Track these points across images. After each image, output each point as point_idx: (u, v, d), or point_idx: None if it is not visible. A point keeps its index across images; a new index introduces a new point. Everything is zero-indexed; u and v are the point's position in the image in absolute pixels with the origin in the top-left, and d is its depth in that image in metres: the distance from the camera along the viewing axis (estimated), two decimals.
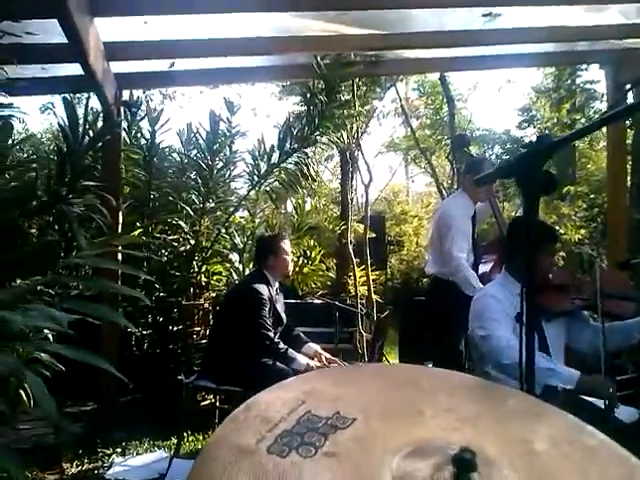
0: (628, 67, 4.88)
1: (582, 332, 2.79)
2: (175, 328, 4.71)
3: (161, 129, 4.90)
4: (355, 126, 6.52)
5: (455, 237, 3.91)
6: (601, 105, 11.49)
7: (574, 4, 3.97)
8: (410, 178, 23.96)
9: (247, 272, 4.77)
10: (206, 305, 4.86)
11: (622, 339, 2.73)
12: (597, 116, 11.11)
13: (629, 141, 8.07)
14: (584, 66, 11.12)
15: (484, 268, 4.36)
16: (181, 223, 4.81)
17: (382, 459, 0.63)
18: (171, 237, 4.87)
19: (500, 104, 35.99)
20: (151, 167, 4.84)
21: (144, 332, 4.67)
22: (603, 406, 2.89)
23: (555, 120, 12.67)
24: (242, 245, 4.95)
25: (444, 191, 10.86)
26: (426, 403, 0.74)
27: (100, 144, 2.62)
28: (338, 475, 0.61)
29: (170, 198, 4.89)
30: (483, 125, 17.50)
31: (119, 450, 3.82)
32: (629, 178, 7.36)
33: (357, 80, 6.28)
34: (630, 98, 7.89)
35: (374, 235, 7.56)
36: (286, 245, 3.81)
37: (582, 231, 7.80)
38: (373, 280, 7.61)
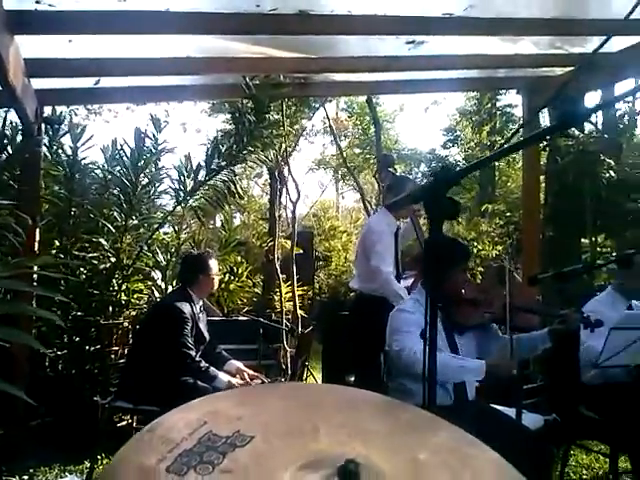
0: (541, 93, 5.20)
1: (491, 344, 2.95)
2: (92, 348, 4.57)
3: (84, 145, 4.81)
4: (284, 145, 6.61)
5: (382, 253, 4.04)
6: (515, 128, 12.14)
7: (489, 35, 4.21)
8: (340, 194, 24.37)
9: (170, 290, 4.71)
10: (125, 324, 4.77)
11: (528, 350, 2.92)
12: (514, 139, 11.72)
13: (544, 161, 8.57)
14: (503, 91, 11.73)
15: (405, 283, 4.51)
16: (102, 240, 4.70)
17: (275, 473, 0.67)
18: (91, 255, 4.75)
19: (426, 124, 37.22)
20: (72, 184, 4.72)
21: (59, 352, 4.51)
22: (514, 415, 3.08)
23: (477, 141, 13.28)
24: (165, 262, 4.89)
25: (370, 208, 11.13)
26: (323, 420, 0.79)
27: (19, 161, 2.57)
28: None
29: (91, 215, 4.78)
30: (410, 145, 18.11)
31: (26, 478, 3.64)
32: (543, 197, 7.81)
33: (286, 100, 6.37)
34: (546, 120, 8.39)
35: (302, 251, 7.64)
36: (214, 264, 3.81)
37: (499, 247, 8.19)
38: (300, 295, 7.67)
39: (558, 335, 2.88)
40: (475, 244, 7.96)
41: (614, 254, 7.02)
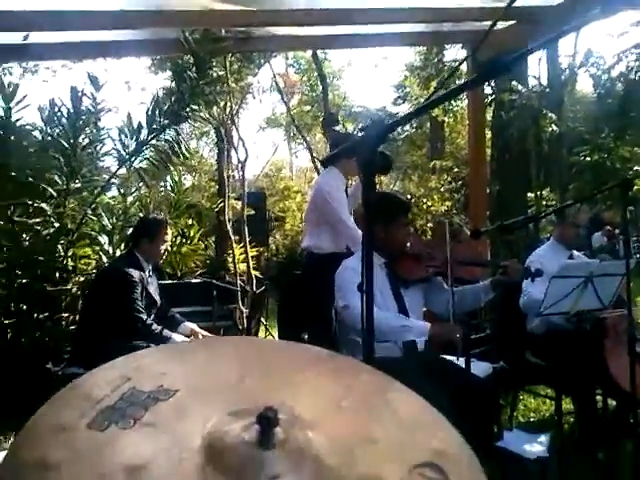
0: (485, 48, 5.22)
1: (437, 297, 3.03)
2: (41, 315, 4.48)
3: (18, 105, 4.59)
4: (229, 102, 6.47)
5: (340, 210, 3.98)
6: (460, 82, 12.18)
7: None
8: (294, 154, 24.14)
9: (118, 254, 4.64)
10: (74, 290, 4.67)
11: (472, 302, 3.01)
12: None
13: (490, 117, 8.68)
14: (450, 45, 11.68)
15: None
16: (43, 205, 4.55)
17: (197, 424, 0.68)
18: (32, 220, 4.60)
19: (376, 81, 37.00)
20: (7, 146, 4.52)
21: (7, 321, 4.40)
22: (462, 364, 3.20)
23: (426, 97, 13.30)
24: (111, 227, 4.79)
25: (320, 166, 11.10)
26: (249, 371, 0.80)
27: None
28: (153, 442, 0.65)
29: (30, 179, 4.60)
30: (360, 102, 18.01)
31: None
32: (489, 152, 7.93)
33: (229, 56, 6.21)
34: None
35: (253, 212, 7.58)
36: (165, 233, 3.76)
37: (448, 202, 8.32)
38: (256, 256, 7.65)
39: (500, 285, 2.97)
40: (424, 200, 8.06)
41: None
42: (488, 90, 7.39)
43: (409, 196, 8.10)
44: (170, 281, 5.07)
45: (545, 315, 3.27)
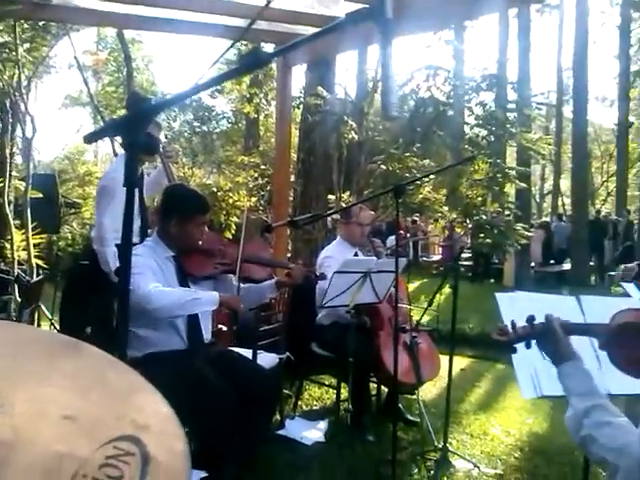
0: (296, 51, 5.40)
1: (224, 293, 3.05)
2: None
3: None
4: (18, 72, 5.85)
5: (109, 206, 3.58)
6: (273, 84, 12.43)
7: None
8: None
9: None
10: None
11: (256, 299, 3.13)
12: (271, 94, 12.23)
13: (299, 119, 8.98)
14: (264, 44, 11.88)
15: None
16: None
17: None
18: None
19: (193, 70, 36.25)
20: None
21: None
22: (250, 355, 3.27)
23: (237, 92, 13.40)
24: None
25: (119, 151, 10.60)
26: None
27: None
28: None
29: None
30: (173, 90, 17.50)
31: None
32: (296, 153, 8.21)
33: (21, 23, 5.60)
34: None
35: (41, 195, 6.90)
36: None
37: (253, 199, 8.47)
38: (46, 245, 7.03)
39: (284, 286, 3.13)
40: (230, 195, 8.10)
41: None
42: (297, 93, 7.67)
43: (215, 189, 8.06)
44: None
45: (327, 307, 3.48)
